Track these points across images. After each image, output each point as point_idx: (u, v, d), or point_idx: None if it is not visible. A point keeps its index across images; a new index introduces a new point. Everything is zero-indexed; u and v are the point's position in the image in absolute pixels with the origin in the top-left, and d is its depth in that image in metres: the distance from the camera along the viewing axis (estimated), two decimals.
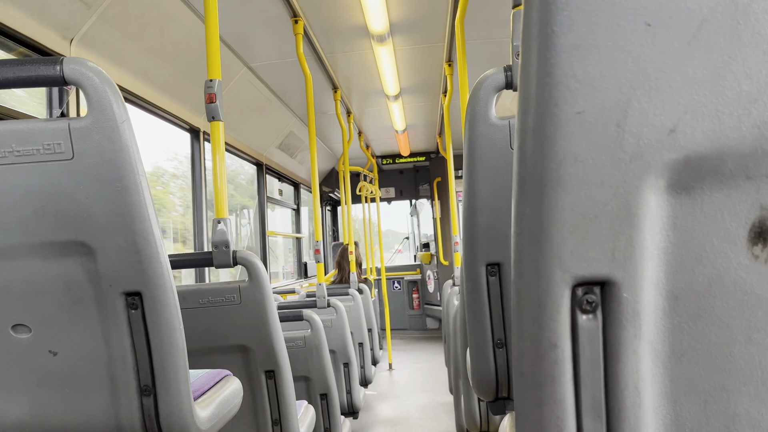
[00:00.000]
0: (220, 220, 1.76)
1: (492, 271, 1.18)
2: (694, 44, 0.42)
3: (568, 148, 0.44)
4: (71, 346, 1.03)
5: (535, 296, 0.47)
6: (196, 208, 3.80)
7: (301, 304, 3.11)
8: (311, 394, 2.62)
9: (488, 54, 4.09)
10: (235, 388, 1.36)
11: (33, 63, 0.94)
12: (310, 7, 3.24)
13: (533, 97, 0.44)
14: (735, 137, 0.43)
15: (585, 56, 0.42)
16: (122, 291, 1.00)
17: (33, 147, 0.94)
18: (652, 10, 0.42)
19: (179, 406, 1.04)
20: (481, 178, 1.13)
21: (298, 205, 6.95)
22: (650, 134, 0.43)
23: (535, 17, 0.43)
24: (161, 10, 2.80)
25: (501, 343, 1.21)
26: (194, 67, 3.31)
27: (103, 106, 0.92)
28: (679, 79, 0.42)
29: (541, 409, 0.48)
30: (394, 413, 4.42)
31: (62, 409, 1.05)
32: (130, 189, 0.94)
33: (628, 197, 0.44)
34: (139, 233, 0.96)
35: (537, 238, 0.46)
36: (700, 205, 0.44)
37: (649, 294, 0.46)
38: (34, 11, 2.16)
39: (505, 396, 1.25)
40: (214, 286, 1.68)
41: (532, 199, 0.45)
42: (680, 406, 0.47)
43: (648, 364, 0.47)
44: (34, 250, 0.98)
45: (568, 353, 0.47)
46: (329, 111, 5.29)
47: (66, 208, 0.95)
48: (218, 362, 1.70)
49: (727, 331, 0.45)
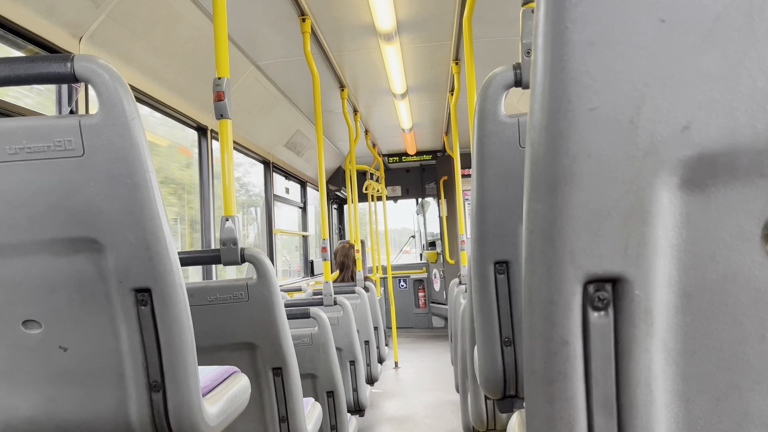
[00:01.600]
0: (228, 218, 1.77)
1: (500, 269, 1.18)
2: (708, 40, 0.42)
3: (581, 144, 0.43)
4: (81, 342, 1.03)
5: (547, 293, 0.46)
6: (203, 206, 3.81)
7: (308, 302, 3.12)
8: (318, 391, 2.63)
9: (496, 52, 4.07)
10: (244, 385, 1.37)
11: (44, 60, 0.95)
12: (318, 5, 3.24)
13: (546, 93, 0.44)
14: (749, 134, 0.42)
15: (599, 52, 0.42)
16: (132, 287, 1.00)
17: (44, 144, 0.94)
18: (666, 6, 0.41)
19: (188, 402, 1.05)
20: (489, 175, 1.13)
21: (305, 204, 6.96)
22: (664, 131, 0.43)
23: (548, 13, 0.43)
24: (170, 8, 2.81)
25: (509, 341, 1.21)
26: (202, 66, 3.32)
27: (113, 103, 0.93)
28: (694, 75, 0.42)
29: (552, 407, 0.48)
30: (401, 411, 4.42)
31: (72, 405, 1.05)
32: (140, 186, 0.95)
33: (641, 194, 0.44)
34: (149, 230, 0.97)
35: (549, 234, 0.46)
36: (713, 203, 0.44)
37: (662, 291, 0.46)
38: (43, 9, 2.17)
39: (513, 394, 1.25)
40: (222, 284, 1.69)
41: (544, 195, 0.45)
42: (692, 403, 0.47)
43: (660, 361, 0.47)
44: (45, 246, 0.99)
45: (579, 350, 0.47)
46: (336, 109, 5.29)
47: (77, 205, 0.96)
48: (226, 359, 1.71)
49: (740, 329, 0.45)
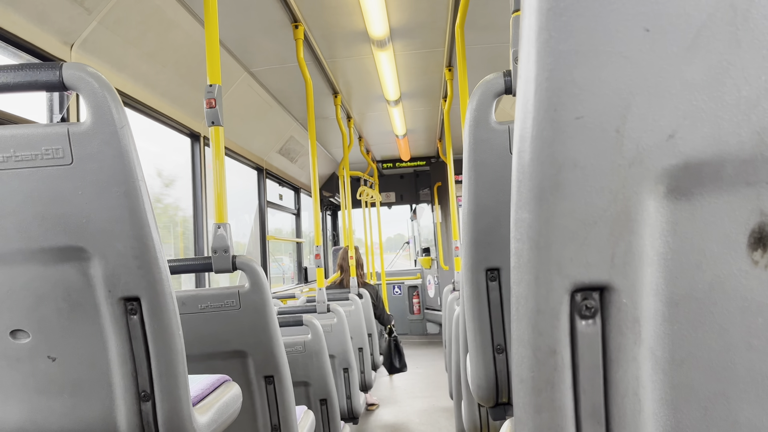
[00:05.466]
0: (220, 225, 1.76)
1: (492, 276, 1.18)
2: (693, 49, 0.42)
3: (567, 153, 0.43)
4: (70, 352, 1.02)
5: (534, 302, 0.46)
6: (196, 213, 3.80)
7: (301, 309, 3.11)
8: (311, 399, 2.61)
9: (488, 59, 4.09)
10: (235, 394, 1.36)
11: (33, 68, 0.94)
12: (311, 12, 3.25)
13: (532, 102, 0.44)
14: (734, 143, 0.42)
15: (584, 62, 0.42)
16: (121, 296, 0.99)
17: (33, 152, 0.93)
18: (650, 15, 0.41)
19: (178, 411, 1.04)
20: (481, 182, 1.13)
21: (299, 210, 6.95)
22: (649, 140, 0.43)
23: (532, 23, 0.43)
24: (162, 15, 2.81)
25: (501, 348, 1.20)
26: (195, 72, 3.32)
27: (102, 111, 0.92)
28: (678, 84, 0.42)
29: (541, 416, 0.47)
30: (395, 419, 4.40)
31: (61, 415, 1.04)
32: (129, 194, 0.94)
33: (627, 203, 0.44)
34: (139, 239, 0.96)
35: (536, 243, 0.46)
36: (699, 211, 0.44)
37: (649, 300, 0.45)
38: (35, 16, 2.17)
39: (506, 401, 1.24)
40: (214, 292, 1.68)
41: (530, 204, 0.45)
42: (680, 413, 0.47)
43: (648, 370, 0.46)
44: (33, 255, 0.98)
45: (567, 359, 0.47)
46: (330, 116, 5.29)
47: (65, 214, 0.95)
48: (217, 368, 1.70)
49: (727, 338, 0.45)
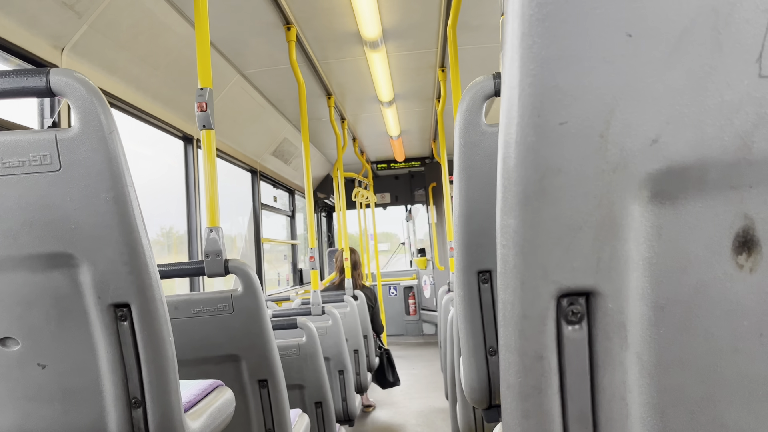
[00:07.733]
0: (212, 229, 1.75)
1: (484, 279, 1.18)
2: (675, 54, 0.42)
3: (551, 159, 0.43)
4: (60, 359, 1.02)
5: (521, 308, 0.46)
6: (189, 217, 3.79)
7: (295, 312, 3.10)
8: (306, 402, 2.60)
9: (481, 60, 4.10)
10: (227, 398, 1.35)
11: (19, 74, 0.93)
12: (303, 14, 3.24)
13: (516, 107, 0.44)
14: (718, 147, 0.42)
15: (567, 67, 0.42)
16: (111, 303, 0.99)
17: (20, 158, 0.93)
18: (633, 20, 0.41)
19: (169, 417, 1.03)
20: (471, 185, 1.13)
21: (293, 212, 6.94)
22: (633, 144, 0.43)
23: (515, 28, 0.43)
24: (153, 18, 2.80)
25: (493, 350, 1.20)
26: (187, 75, 3.31)
27: (90, 117, 0.92)
28: (661, 89, 0.42)
29: (528, 421, 0.47)
30: (391, 420, 4.40)
31: (50, 422, 1.04)
32: (118, 200, 0.94)
33: (611, 208, 0.44)
34: (128, 244, 0.95)
35: (521, 249, 0.45)
36: (684, 215, 0.44)
37: (635, 304, 0.46)
38: (25, 20, 2.16)
39: (499, 404, 1.24)
40: (207, 296, 1.67)
41: (515, 210, 0.45)
42: (667, 417, 0.47)
43: (635, 374, 0.46)
44: (21, 262, 0.97)
45: (554, 365, 0.47)
46: (323, 117, 5.29)
47: (54, 220, 0.94)
48: (211, 372, 1.69)
49: (712, 342, 0.45)
